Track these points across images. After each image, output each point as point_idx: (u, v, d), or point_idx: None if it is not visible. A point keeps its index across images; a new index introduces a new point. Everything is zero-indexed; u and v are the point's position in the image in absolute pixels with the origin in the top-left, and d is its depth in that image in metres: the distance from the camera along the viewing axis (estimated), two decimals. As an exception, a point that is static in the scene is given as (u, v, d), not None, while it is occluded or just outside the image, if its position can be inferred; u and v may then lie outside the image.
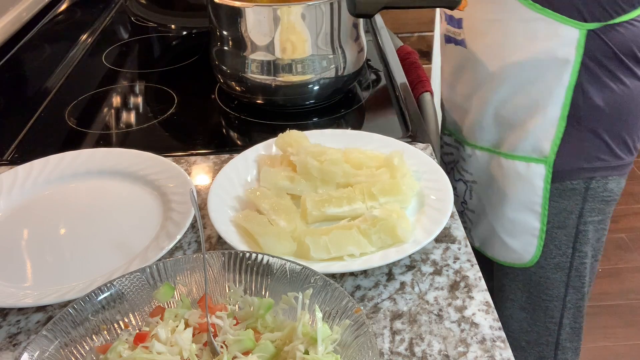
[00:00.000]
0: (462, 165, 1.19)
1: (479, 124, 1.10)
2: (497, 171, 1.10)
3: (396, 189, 0.84)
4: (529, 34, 0.97)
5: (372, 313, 0.71)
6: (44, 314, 0.72)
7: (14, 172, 0.94)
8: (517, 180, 1.07)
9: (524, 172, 1.06)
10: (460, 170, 1.20)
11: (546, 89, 1.00)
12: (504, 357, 0.65)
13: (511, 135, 1.06)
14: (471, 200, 1.19)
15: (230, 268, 0.66)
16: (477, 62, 1.05)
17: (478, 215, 1.18)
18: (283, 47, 1.06)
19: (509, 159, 1.07)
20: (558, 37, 0.95)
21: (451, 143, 1.23)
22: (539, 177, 1.05)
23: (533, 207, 1.07)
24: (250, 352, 0.58)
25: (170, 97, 1.22)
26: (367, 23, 1.48)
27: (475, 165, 1.15)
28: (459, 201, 1.22)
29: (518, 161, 1.06)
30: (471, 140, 1.14)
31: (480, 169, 1.15)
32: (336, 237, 0.76)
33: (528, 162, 1.05)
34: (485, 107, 1.07)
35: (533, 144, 1.04)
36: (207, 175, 0.96)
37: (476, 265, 0.77)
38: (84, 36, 1.48)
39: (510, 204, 1.09)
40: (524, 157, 1.06)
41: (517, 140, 1.05)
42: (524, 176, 1.06)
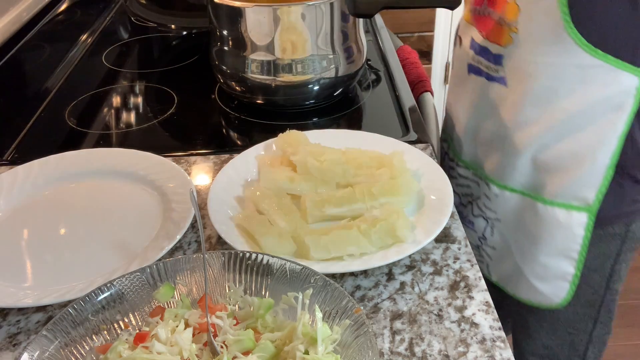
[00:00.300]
0: (484, 203, 1.09)
1: (511, 165, 1.01)
2: (531, 215, 1.02)
3: (396, 189, 0.84)
4: (585, 79, 0.89)
5: (372, 313, 0.71)
6: (44, 314, 0.72)
7: (14, 172, 0.94)
8: (555, 227, 0.99)
9: (564, 219, 0.98)
10: (482, 207, 1.10)
11: (597, 136, 0.93)
12: (504, 357, 0.65)
13: (552, 181, 0.98)
14: (492, 237, 1.10)
15: (230, 268, 0.66)
16: (520, 104, 0.96)
17: (500, 254, 1.11)
18: (283, 47, 1.06)
19: (547, 205, 0.99)
20: (617, 84, 0.89)
21: (469, 177, 1.13)
22: (580, 226, 0.98)
23: (570, 253, 1.01)
24: (250, 352, 0.58)
25: (170, 97, 1.22)
26: (367, 23, 1.48)
27: (503, 206, 1.06)
28: (476, 236, 1.13)
29: (558, 208, 0.98)
30: (499, 179, 1.05)
31: (508, 210, 1.06)
32: (336, 237, 0.76)
33: (569, 210, 0.98)
34: (522, 150, 0.98)
35: (576, 192, 0.97)
36: (207, 175, 0.96)
37: (476, 265, 0.77)
38: (84, 36, 1.48)
39: (544, 249, 1.02)
40: (564, 204, 0.98)
41: (559, 187, 0.97)
42: (563, 224, 0.99)
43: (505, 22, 0.92)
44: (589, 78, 0.89)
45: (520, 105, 0.95)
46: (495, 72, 0.99)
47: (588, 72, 0.89)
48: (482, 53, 1.01)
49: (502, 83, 0.98)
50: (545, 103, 0.93)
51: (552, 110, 0.93)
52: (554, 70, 0.90)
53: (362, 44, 1.17)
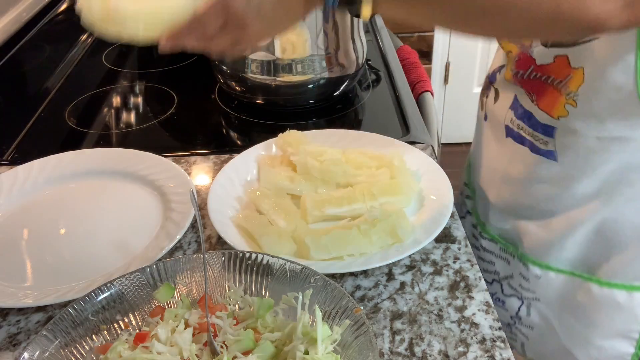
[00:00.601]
0: (519, 283, 0.98)
1: (559, 244, 0.90)
2: (583, 297, 0.91)
3: (396, 189, 0.84)
4: None
5: (372, 313, 0.71)
6: (44, 314, 0.72)
7: (14, 172, 0.94)
8: (614, 309, 0.89)
9: (624, 301, 0.88)
10: (516, 286, 0.98)
11: None
12: (504, 357, 0.65)
13: (610, 260, 0.88)
14: (529, 317, 0.99)
15: (230, 268, 0.66)
16: (576, 180, 0.84)
17: (539, 333, 1.00)
18: (283, 47, 1.06)
19: (604, 287, 0.88)
20: None
21: (495, 252, 1.00)
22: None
23: (630, 334, 0.90)
24: (250, 352, 0.58)
25: (170, 97, 1.22)
26: (367, 23, 1.48)
27: (545, 287, 0.94)
28: (507, 314, 1.00)
29: (617, 290, 0.88)
30: (541, 259, 0.93)
31: (551, 291, 0.94)
32: (336, 237, 0.76)
33: (630, 291, 0.87)
34: (575, 227, 0.87)
35: (638, 273, 0.86)
36: (207, 175, 0.96)
37: (476, 265, 0.77)
38: (84, 36, 1.48)
39: (599, 333, 0.92)
40: (625, 285, 0.87)
41: (618, 267, 0.87)
42: (624, 305, 0.88)
43: (563, 91, 0.80)
44: None
45: (576, 182, 0.84)
46: (544, 144, 0.86)
47: None
48: (525, 119, 0.88)
49: (551, 157, 0.86)
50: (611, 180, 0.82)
51: (617, 186, 0.82)
52: (623, 146, 0.79)
53: (362, 44, 1.17)
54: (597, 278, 0.89)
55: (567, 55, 0.78)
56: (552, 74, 0.81)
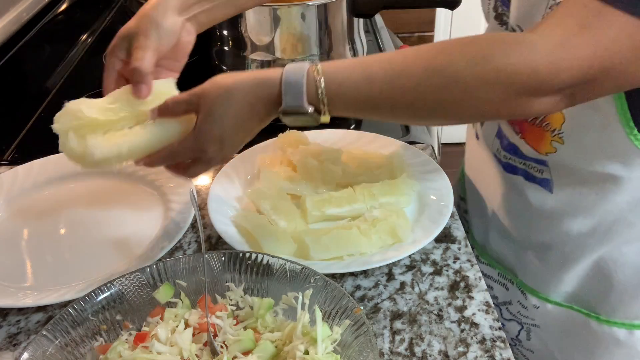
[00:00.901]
0: (518, 310, 0.96)
1: (557, 278, 0.88)
2: (582, 331, 0.89)
3: (396, 189, 0.84)
4: None
5: (372, 313, 0.71)
6: (44, 314, 0.72)
7: (14, 172, 0.94)
8: (614, 345, 0.87)
9: (625, 338, 0.86)
10: (515, 313, 0.96)
11: None
12: (504, 357, 0.65)
13: (609, 297, 0.85)
14: (529, 342, 0.97)
15: (230, 268, 0.66)
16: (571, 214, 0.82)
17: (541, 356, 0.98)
18: (283, 47, 1.06)
19: (604, 324, 0.86)
20: None
21: (493, 276, 0.98)
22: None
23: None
24: (250, 352, 0.58)
25: (170, 97, 1.21)
26: (367, 23, 1.48)
27: (544, 317, 0.92)
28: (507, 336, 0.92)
29: (617, 327, 0.86)
30: (539, 290, 0.91)
31: (551, 321, 0.92)
32: (336, 237, 0.76)
33: (631, 329, 0.85)
34: (573, 263, 0.85)
35: (639, 311, 0.85)
36: (207, 175, 0.96)
37: (476, 266, 0.77)
38: (84, 36, 1.48)
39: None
40: (626, 323, 0.85)
41: (618, 305, 0.85)
42: (624, 342, 0.86)
43: (546, 128, 0.78)
44: None
45: (571, 218, 0.82)
46: (539, 172, 0.83)
47: None
48: (512, 151, 0.86)
49: (547, 188, 0.83)
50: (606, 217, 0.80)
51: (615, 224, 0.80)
52: (618, 186, 0.76)
53: (362, 44, 1.17)
54: (597, 315, 0.87)
55: None
56: None
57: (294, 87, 0.64)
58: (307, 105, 0.64)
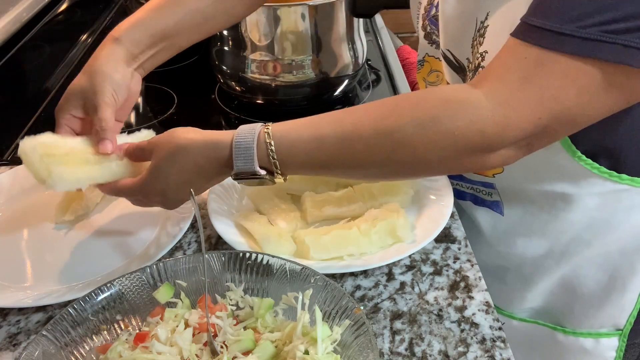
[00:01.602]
0: None
1: (520, 296, 0.89)
2: (549, 343, 0.90)
3: (396, 189, 0.84)
4: (610, 208, 0.76)
5: (372, 313, 0.71)
6: (44, 314, 0.72)
7: (14, 172, 0.94)
8: (581, 354, 0.89)
9: (591, 347, 0.88)
10: None
11: (629, 265, 0.81)
12: (504, 357, 0.65)
13: (573, 311, 0.86)
14: None
15: (230, 268, 0.66)
16: (525, 235, 0.82)
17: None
18: (283, 47, 1.06)
19: (569, 335, 0.88)
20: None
21: None
22: (611, 349, 0.88)
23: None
24: (250, 352, 0.58)
25: (170, 97, 1.22)
26: (367, 23, 1.48)
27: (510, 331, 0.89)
28: None
29: (583, 338, 0.88)
30: (501, 307, 0.92)
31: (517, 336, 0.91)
32: (336, 237, 0.76)
33: (597, 338, 0.87)
34: (533, 283, 0.86)
35: (604, 321, 0.86)
36: (207, 175, 0.96)
37: (476, 265, 0.77)
38: (84, 36, 1.48)
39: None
40: (591, 333, 0.87)
41: (582, 317, 0.86)
42: (591, 352, 0.88)
43: None
44: (615, 205, 0.76)
45: (525, 237, 0.82)
46: (488, 195, 0.83)
47: (611, 197, 0.75)
48: (457, 178, 0.86)
49: (497, 210, 0.84)
50: (561, 237, 0.80)
51: (572, 244, 0.80)
52: (570, 205, 0.76)
53: (362, 44, 1.17)
54: (563, 327, 0.88)
55: None
56: None
57: (245, 152, 0.64)
58: (258, 169, 0.64)
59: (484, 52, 0.68)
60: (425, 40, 0.81)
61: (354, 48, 1.14)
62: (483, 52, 0.68)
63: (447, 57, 0.73)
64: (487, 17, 0.67)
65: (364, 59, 1.18)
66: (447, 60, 0.74)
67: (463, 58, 0.72)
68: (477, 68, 0.70)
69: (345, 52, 1.12)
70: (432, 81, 0.82)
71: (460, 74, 0.74)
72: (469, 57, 0.71)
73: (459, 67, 0.73)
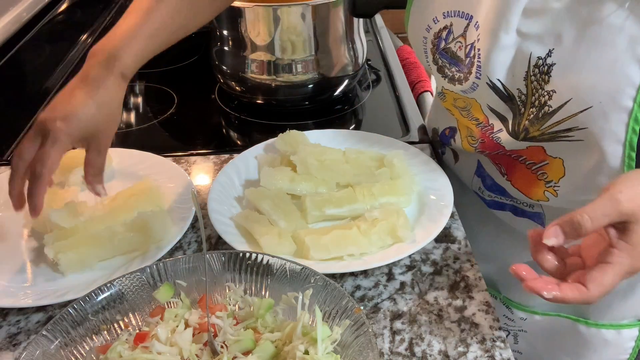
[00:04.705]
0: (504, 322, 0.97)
1: None
2: (571, 335, 0.91)
3: (396, 189, 0.84)
4: None
5: (372, 313, 0.71)
6: (44, 314, 0.72)
7: (14, 172, 0.93)
8: (602, 346, 0.89)
9: (612, 338, 0.88)
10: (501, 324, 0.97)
11: None
12: (504, 357, 0.65)
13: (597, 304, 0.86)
14: (517, 345, 0.99)
15: (230, 268, 0.66)
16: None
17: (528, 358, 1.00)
18: (283, 47, 1.06)
19: (592, 327, 0.88)
20: None
21: None
22: (632, 339, 0.88)
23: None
24: (250, 352, 0.58)
25: (170, 97, 1.22)
26: (367, 23, 1.48)
27: (531, 325, 0.94)
28: None
29: (605, 329, 0.88)
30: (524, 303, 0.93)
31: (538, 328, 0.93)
32: (336, 237, 0.76)
33: (619, 330, 0.88)
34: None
35: (626, 313, 0.86)
36: (207, 175, 0.96)
37: (476, 265, 0.77)
38: (84, 36, 1.48)
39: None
40: (613, 325, 0.87)
41: (606, 310, 0.86)
42: (612, 342, 0.89)
43: (540, 177, 0.77)
44: None
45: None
46: (529, 207, 0.82)
47: None
48: (498, 192, 0.84)
49: (539, 221, 0.82)
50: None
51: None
52: None
53: (362, 44, 1.17)
54: (585, 319, 0.88)
55: (543, 147, 0.74)
56: (524, 155, 0.78)
57: None
58: None
59: (552, 92, 0.67)
60: (439, 74, 0.80)
61: (354, 48, 1.14)
62: (550, 91, 0.67)
63: (495, 87, 0.72)
64: (551, 55, 0.66)
65: (364, 59, 1.18)
66: (496, 90, 0.73)
67: (514, 88, 0.71)
68: (542, 105, 0.69)
69: (345, 52, 1.12)
70: (462, 106, 0.81)
71: (508, 103, 0.73)
72: (519, 88, 0.71)
73: (507, 96, 0.72)
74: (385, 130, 1.02)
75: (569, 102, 0.66)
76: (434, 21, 0.76)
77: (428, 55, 0.80)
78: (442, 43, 0.77)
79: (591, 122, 0.66)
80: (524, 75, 0.69)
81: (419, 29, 0.79)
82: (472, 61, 0.73)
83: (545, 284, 0.56)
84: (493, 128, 0.78)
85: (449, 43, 0.75)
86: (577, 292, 0.55)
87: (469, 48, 0.73)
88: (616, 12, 0.60)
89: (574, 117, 0.67)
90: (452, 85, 0.78)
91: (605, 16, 0.61)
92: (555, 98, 0.67)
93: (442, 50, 0.77)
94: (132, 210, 0.83)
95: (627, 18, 0.60)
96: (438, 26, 0.76)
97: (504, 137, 0.76)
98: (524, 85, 0.70)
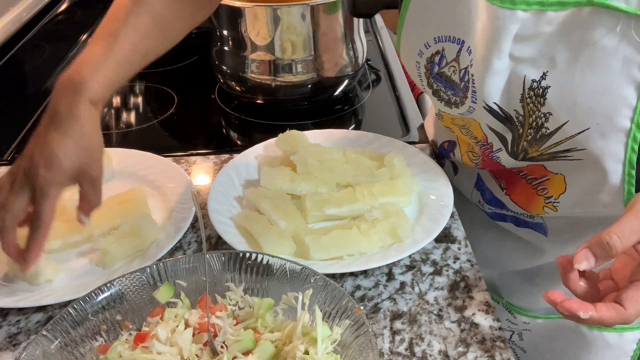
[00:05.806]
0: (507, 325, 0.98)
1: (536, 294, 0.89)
2: (573, 336, 0.91)
3: (396, 189, 0.84)
4: None
5: (372, 313, 0.71)
6: (44, 314, 0.72)
7: (14, 172, 0.93)
8: (604, 349, 0.90)
9: (615, 341, 0.89)
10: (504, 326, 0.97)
11: None
12: (504, 357, 0.65)
13: None
14: (521, 342, 0.99)
15: (230, 268, 0.66)
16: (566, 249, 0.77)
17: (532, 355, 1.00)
18: (283, 47, 1.06)
19: (595, 330, 0.88)
20: None
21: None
22: (633, 342, 0.89)
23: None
24: (250, 352, 0.58)
25: (170, 97, 1.22)
26: (367, 23, 1.48)
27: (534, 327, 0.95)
28: None
29: (608, 332, 0.88)
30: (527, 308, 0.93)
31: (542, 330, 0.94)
32: (336, 237, 0.76)
33: (621, 332, 0.88)
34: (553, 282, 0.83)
35: None
36: (207, 175, 0.96)
37: (476, 265, 0.77)
38: (84, 36, 1.48)
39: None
40: (616, 327, 0.86)
41: None
42: (614, 345, 0.89)
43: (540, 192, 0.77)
44: None
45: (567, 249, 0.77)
46: (530, 217, 0.82)
47: None
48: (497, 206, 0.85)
49: (541, 231, 0.82)
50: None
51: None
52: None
53: (362, 44, 1.17)
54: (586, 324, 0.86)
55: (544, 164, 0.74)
56: (525, 170, 0.78)
57: None
58: None
59: (548, 114, 0.67)
60: (435, 97, 0.79)
61: (354, 48, 1.14)
62: (547, 114, 0.67)
63: (492, 110, 0.72)
64: (545, 77, 0.66)
65: (364, 59, 1.18)
66: (493, 113, 0.72)
67: (511, 110, 0.71)
68: (539, 127, 0.69)
69: (345, 52, 1.12)
70: (462, 124, 0.81)
71: (507, 124, 0.73)
72: (517, 109, 0.70)
73: (505, 117, 0.72)
74: (385, 130, 1.02)
75: (566, 124, 0.66)
76: (426, 46, 0.75)
77: (422, 79, 0.79)
78: (435, 68, 0.76)
79: (589, 143, 0.66)
80: (520, 98, 0.68)
81: (411, 53, 0.78)
82: (467, 85, 0.72)
83: (581, 304, 0.56)
84: (492, 147, 0.77)
85: (442, 67, 0.75)
86: (614, 311, 0.55)
87: (462, 72, 0.72)
88: (608, 35, 0.60)
89: (572, 138, 0.67)
90: (449, 109, 0.78)
91: (598, 39, 0.61)
92: (551, 120, 0.67)
93: (437, 75, 0.76)
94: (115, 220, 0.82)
95: (620, 41, 0.60)
96: (430, 51, 0.75)
97: (503, 156, 0.76)
98: (521, 107, 0.69)
